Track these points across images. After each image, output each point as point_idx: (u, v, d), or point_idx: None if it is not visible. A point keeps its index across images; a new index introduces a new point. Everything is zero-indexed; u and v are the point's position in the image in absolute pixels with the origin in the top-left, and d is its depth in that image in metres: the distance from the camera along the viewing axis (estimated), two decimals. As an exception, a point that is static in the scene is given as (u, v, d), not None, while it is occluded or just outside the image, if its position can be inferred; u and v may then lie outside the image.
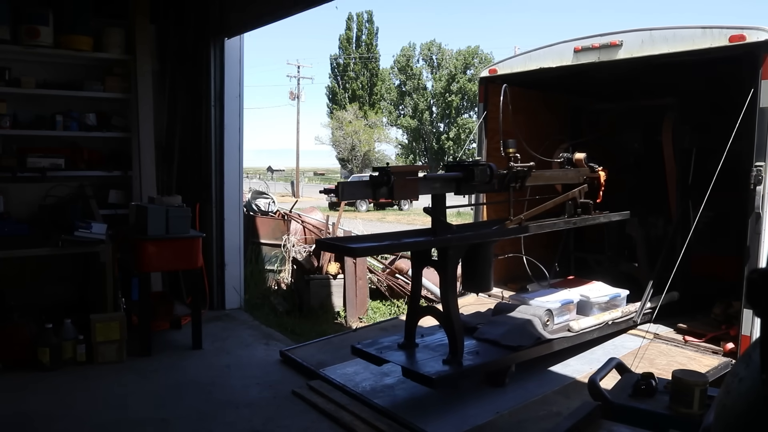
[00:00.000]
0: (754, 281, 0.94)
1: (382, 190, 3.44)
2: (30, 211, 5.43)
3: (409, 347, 4.07)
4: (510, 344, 4.09)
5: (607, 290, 5.25)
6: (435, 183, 3.82)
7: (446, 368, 3.73)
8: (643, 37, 4.90)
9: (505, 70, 5.99)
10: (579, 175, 5.24)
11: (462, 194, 4.03)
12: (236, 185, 6.45)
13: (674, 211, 5.57)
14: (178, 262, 5.11)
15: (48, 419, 3.77)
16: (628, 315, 5.10)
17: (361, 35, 50.88)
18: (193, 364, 4.81)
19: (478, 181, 3.82)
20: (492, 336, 4.21)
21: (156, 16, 6.09)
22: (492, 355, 4.01)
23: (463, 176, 3.82)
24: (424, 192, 3.83)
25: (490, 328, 4.35)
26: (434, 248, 4.09)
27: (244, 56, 6.44)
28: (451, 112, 48.28)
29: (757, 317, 0.98)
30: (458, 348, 3.80)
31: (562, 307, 4.73)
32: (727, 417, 1.04)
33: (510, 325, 4.32)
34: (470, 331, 4.35)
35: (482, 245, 4.06)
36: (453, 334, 3.82)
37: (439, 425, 3.51)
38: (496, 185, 4.07)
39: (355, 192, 3.78)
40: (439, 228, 3.86)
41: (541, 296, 4.93)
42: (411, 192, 3.68)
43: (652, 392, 2.59)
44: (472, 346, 4.12)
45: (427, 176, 3.82)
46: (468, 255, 4.04)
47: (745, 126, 4.32)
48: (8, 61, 5.39)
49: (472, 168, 3.80)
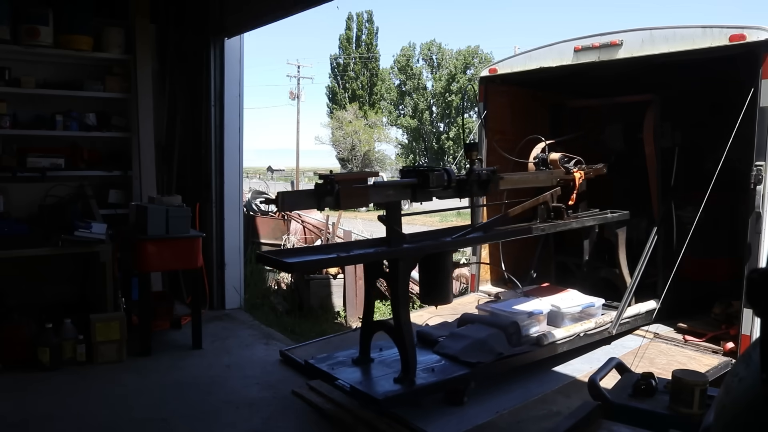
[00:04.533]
0: (754, 281, 0.94)
1: (327, 199, 3.23)
2: (30, 211, 5.42)
3: (364, 363, 3.87)
4: (468, 360, 3.83)
5: (580, 299, 4.95)
6: (388, 190, 3.62)
7: (396, 388, 3.51)
8: (644, 36, 4.90)
9: (505, 69, 5.99)
10: (552, 178, 4.95)
11: (419, 201, 3.77)
12: (236, 185, 6.44)
13: (657, 212, 5.38)
14: (178, 262, 5.11)
15: (48, 419, 3.77)
16: (602, 326, 4.80)
17: (361, 35, 50.83)
18: (193, 363, 4.81)
19: (434, 186, 3.61)
20: (451, 351, 3.96)
21: (156, 16, 6.09)
22: (449, 372, 3.76)
23: (418, 182, 3.61)
24: (375, 200, 3.67)
25: (451, 341, 4.08)
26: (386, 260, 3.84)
27: (244, 56, 6.45)
28: (451, 112, 48.26)
29: (757, 317, 0.98)
30: (410, 365, 3.57)
31: (530, 318, 4.44)
32: (727, 417, 1.04)
33: (472, 338, 4.04)
34: (432, 344, 4.12)
35: (439, 255, 3.79)
36: (405, 351, 3.58)
37: (440, 425, 3.51)
38: (457, 190, 3.85)
39: (297, 202, 3.57)
40: (393, 238, 3.63)
41: (511, 306, 4.64)
42: (359, 200, 3.51)
43: (652, 392, 2.59)
44: (431, 361, 3.89)
45: (377, 183, 3.68)
46: (425, 266, 3.81)
47: (736, 126, 4.32)
48: (8, 61, 5.39)
49: (428, 173, 3.60)
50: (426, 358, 3.90)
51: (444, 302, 3.96)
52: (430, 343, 4.14)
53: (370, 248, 3.74)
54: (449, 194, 3.83)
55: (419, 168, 3.70)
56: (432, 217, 19.85)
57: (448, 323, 4.68)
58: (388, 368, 3.76)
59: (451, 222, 5.08)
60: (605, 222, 5.23)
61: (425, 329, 4.36)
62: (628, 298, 4.92)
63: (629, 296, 4.93)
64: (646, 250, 5.03)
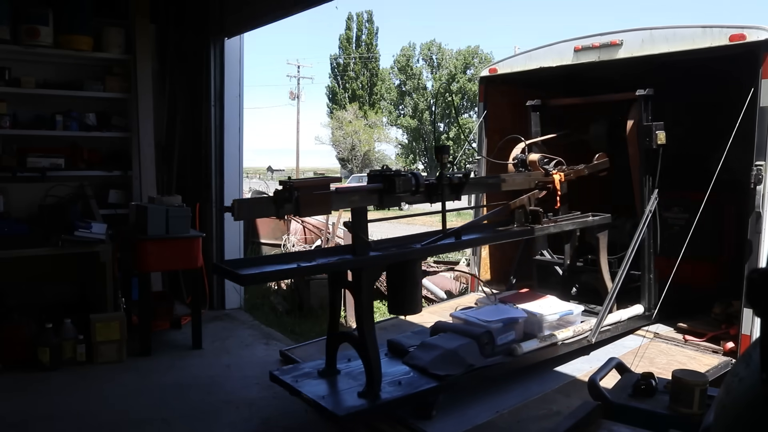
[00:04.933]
0: (754, 281, 0.94)
1: (286, 206, 3.10)
2: (30, 211, 5.43)
3: (330, 375, 3.69)
4: (437, 373, 3.64)
5: (558, 306, 4.73)
6: (352, 196, 3.48)
7: (360, 403, 3.34)
8: (644, 36, 4.90)
9: (505, 69, 5.99)
10: (530, 180, 4.71)
11: (386, 206, 3.64)
12: (236, 185, 6.45)
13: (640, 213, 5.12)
14: (178, 262, 5.12)
15: (48, 419, 3.78)
16: (581, 334, 4.56)
17: (361, 35, 50.86)
18: (193, 363, 4.81)
19: (401, 191, 3.46)
20: (421, 362, 3.76)
21: (156, 16, 6.09)
22: (416, 386, 3.56)
23: (384, 187, 3.47)
24: (339, 207, 3.55)
25: (422, 352, 3.88)
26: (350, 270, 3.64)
27: (244, 56, 6.46)
28: (451, 112, 48.25)
29: (757, 317, 0.98)
30: (374, 379, 3.41)
31: (505, 327, 4.20)
32: (727, 417, 1.04)
33: (442, 349, 3.83)
34: (402, 354, 3.95)
35: (407, 263, 3.62)
36: (369, 364, 3.42)
37: (440, 424, 3.51)
38: (427, 195, 3.69)
39: (254, 210, 3.41)
40: (358, 246, 3.47)
41: (486, 314, 4.38)
42: (321, 207, 3.38)
43: (652, 392, 2.59)
44: (399, 373, 3.71)
45: (340, 189, 3.50)
46: (392, 274, 3.64)
47: (736, 125, 4.32)
48: (8, 61, 5.39)
49: (394, 178, 3.44)
50: (395, 370, 3.73)
51: (413, 312, 3.76)
52: (400, 353, 3.97)
53: (334, 256, 3.57)
54: (419, 199, 3.68)
55: (386, 172, 3.51)
56: (433, 218, 19.82)
57: (422, 331, 4.44)
58: (353, 381, 3.59)
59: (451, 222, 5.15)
60: (586, 226, 5.00)
61: (396, 338, 4.16)
62: (608, 305, 4.67)
63: (610, 302, 4.69)
64: (629, 253, 4.81)
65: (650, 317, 5.03)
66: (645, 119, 4.80)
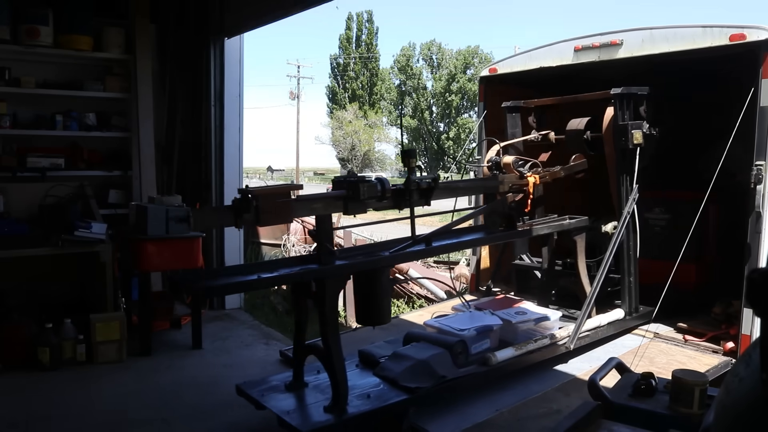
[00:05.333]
0: (754, 281, 0.94)
1: (246, 216, 3.00)
2: (30, 211, 5.42)
3: (297, 388, 3.58)
4: (407, 385, 3.51)
5: (535, 312, 4.61)
6: (315, 204, 3.37)
7: (325, 418, 3.23)
8: (644, 36, 4.90)
9: (506, 69, 5.99)
10: (504, 184, 4.54)
11: (351, 213, 3.53)
12: (236, 185, 6.43)
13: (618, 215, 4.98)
14: (178, 262, 5.11)
15: (48, 419, 3.78)
16: (558, 341, 4.43)
17: (361, 35, 50.89)
18: (193, 363, 4.82)
19: (366, 197, 3.35)
20: (391, 374, 3.63)
21: (156, 16, 6.09)
22: (385, 399, 3.43)
23: (348, 194, 3.36)
24: (301, 215, 3.48)
25: (393, 363, 3.74)
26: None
27: (244, 56, 6.46)
28: (451, 112, 48.30)
29: (757, 317, 0.98)
30: (341, 393, 3.30)
31: (479, 335, 4.07)
32: (727, 417, 1.04)
33: (414, 360, 3.70)
34: (373, 364, 3.84)
35: (374, 272, 3.50)
36: (335, 378, 3.32)
37: (440, 423, 3.52)
38: (394, 201, 3.55)
39: (210, 220, 3.31)
40: (324, 255, 3.36)
41: (460, 322, 4.25)
42: (283, 216, 3.28)
43: (651, 392, 2.59)
44: (369, 385, 3.59)
45: (301, 198, 3.39)
46: (358, 283, 3.53)
47: (736, 125, 4.31)
48: (8, 61, 5.39)
49: (358, 184, 3.34)
50: (364, 382, 3.62)
51: (380, 322, 3.62)
52: (371, 363, 3.84)
53: (298, 266, 3.46)
54: (386, 205, 3.56)
55: (350, 179, 3.40)
56: (434, 218, 19.75)
57: (394, 341, 4.31)
58: (321, 394, 3.47)
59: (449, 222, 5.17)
60: (562, 229, 4.84)
61: (367, 348, 4.05)
62: (587, 310, 4.54)
63: (588, 307, 4.56)
64: (607, 256, 4.66)
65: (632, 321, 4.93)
66: (621, 118, 4.69)
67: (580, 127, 5.02)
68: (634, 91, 4.68)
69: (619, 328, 4.90)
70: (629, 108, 4.71)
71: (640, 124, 4.69)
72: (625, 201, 4.77)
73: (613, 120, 4.76)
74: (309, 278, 3.39)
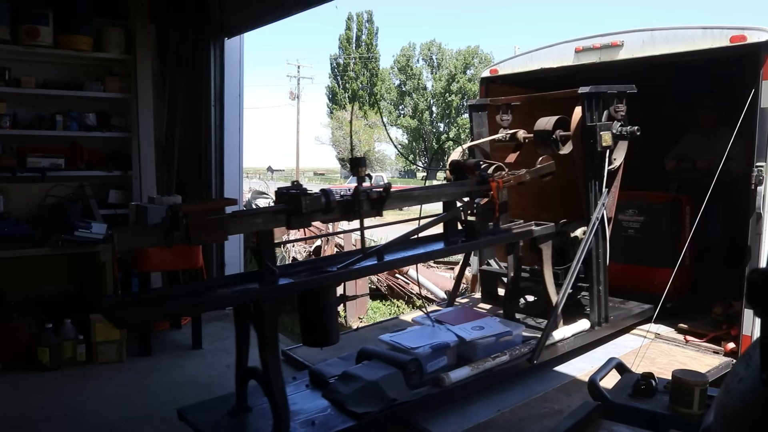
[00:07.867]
0: (754, 281, 0.94)
1: (176, 234, 2.77)
2: (30, 211, 5.43)
3: (240, 414, 3.34)
4: (354, 410, 3.30)
5: (494, 327, 4.28)
6: (255, 219, 3.12)
7: None
8: (644, 37, 4.90)
9: (506, 70, 5.99)
10: (462, 189, 4.18)
11: (296, 227, 3.28)
12: (236, 185, 6.45)
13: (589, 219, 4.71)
14: (178, 262, 5.12)
15: (48, 419, 3.78)
16: (521, 356, 4.13)
17: (361, 35, 50.92)
18: (193, 363, 4.82)
19: (309, 211, 3.14)
20: (339, 396, 3.43)
21: (156, 16, 6.08)
22: (330, 426, 3.20)
23: (290, 208, 3.13)
24: (238, 231, 3.25)
25: (342, 384, 3.53)
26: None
27: (244, 56, 6.46)
28: (451, 112, 48.34)
29: (757, 317, 0.98)
30: (282, 421, 3.07)
31: (435, 353, 3.82)
32: (727, 417, 1.04)
33: (363, 381, 3.48)
34: (323, 385, 3.63)
35: (320, 290, 3.26)
36: (274, 404, 3.10)
37: (441, 423, 3.52)
38: (342, 213, 3.35)
39: (137, 240, 3.06)
40: (266, 274, 3.12)
41: (415, 338, 4.00)
42: (216, 234, 3.06)
43: (652, 392, 2.59)
44: (315, 409, 3.39)
45: (236, 213, 3.18)
46: (303, 302, 3.29)
47: (737, 126, 4.31)
48: (8, 61, 5.38)
49: (300, 197, 3.11)
50: (312, 405, 3.43)
51: (328, 343, 3.37)
52: (322, 384, 3.63)
53: (239, 285, 3.24)
54: (334, 217, 3.38)
55: (292, 191, 3.15)
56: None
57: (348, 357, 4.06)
58: (264, 421, 3.20)
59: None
60: (528, 237, 4.55)
61: (318, 368, 3.85)
62: (552, 320, 4.32)
63: (554, 318, 4.35)
64: (574, 264, 4.42)
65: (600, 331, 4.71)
66: (589, 119, 4.41)
67: (548, 127, 4.62)
68: (603, 90, 4.43)
69: (587, 339, 4.63)
70: (598, 108, 4.46)
71: (609, 125, 4.42)
72: (594, 206, 4.53)
73: (581, 120, 4.46)
74: (247, 301, 3.15)
